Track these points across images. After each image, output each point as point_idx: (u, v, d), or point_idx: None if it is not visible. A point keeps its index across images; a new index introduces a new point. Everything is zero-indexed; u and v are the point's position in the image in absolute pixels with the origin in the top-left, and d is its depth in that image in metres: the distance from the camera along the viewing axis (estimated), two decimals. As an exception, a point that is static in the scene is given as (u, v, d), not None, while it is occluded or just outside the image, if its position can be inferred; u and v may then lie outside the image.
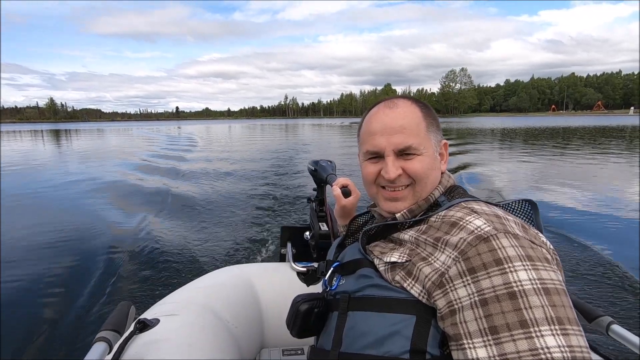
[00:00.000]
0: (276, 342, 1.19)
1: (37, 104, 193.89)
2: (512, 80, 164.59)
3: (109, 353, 0.67)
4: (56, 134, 36.32)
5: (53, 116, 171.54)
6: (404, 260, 0.58)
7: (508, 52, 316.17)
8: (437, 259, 0.54)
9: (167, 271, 3.01)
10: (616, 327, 0.78)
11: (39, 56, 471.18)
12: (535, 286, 0.47)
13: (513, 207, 0.66)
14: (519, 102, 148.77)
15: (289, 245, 1.38)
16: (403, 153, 0.66)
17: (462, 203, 0.61)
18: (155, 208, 5.09)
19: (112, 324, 0.71)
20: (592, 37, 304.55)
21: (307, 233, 1.35)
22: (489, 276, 0.48)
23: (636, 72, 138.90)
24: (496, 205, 0.63)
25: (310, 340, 0.71)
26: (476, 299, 0.48)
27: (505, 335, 0.45)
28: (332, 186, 1.06)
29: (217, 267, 1.33)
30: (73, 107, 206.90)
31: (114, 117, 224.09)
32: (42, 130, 46.42)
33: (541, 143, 16.36)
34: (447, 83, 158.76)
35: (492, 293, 0.47)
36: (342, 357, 0.59)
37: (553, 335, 0.44)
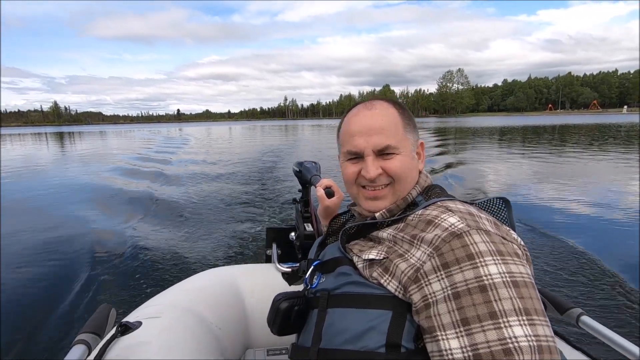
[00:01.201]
0: (261, 342, 1.20)
1: (41, 107, 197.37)
2: (510, 80, 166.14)
3: (87, 355, 0.66)
4: (60, 136, 37.32)
5: (57, 119, 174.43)
6: (381, 257, 0.60)
7: (507, 51, 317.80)
8: (413, 255, 0.56)
9: (151, 274, 3.00)
10: (586, 318, 0.81)
11: (38, 60, 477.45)
12: (504, 279, 0.49)
13: (487, 205, 0.69)
14: (517, 102, 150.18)
15: (274, 246, 1.40)
16: (382, 153, 0.68)
17: (438, 202, 0.63)
18: (140, 211, 5.07)
19: (92, 327, 0.70)
20: (591, 36, 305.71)
21: (293, 234, 1.37)
22: (462, 270, 0.51)
23: (632, 71, 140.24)
24: (471, 203, 0.65)
25: (293, 339, 0.73)
26: (449, 292, 0.50)
27: (476, 326, 0.47)
28: (315, 187, 1.07)
29: (202, 270, 1.36)
30: (76, 110, 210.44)
31: (116, 119, 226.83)
32: (45, 134, 47.69)
33: (521, 140, 17.33)
34: (444, 83, 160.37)
35: (464, 286, 0.50)
36: (321, 353, 0.61)
37: (520, 325, 0.46)
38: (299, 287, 0.75)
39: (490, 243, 0.53)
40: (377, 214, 0.68)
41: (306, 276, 0.73)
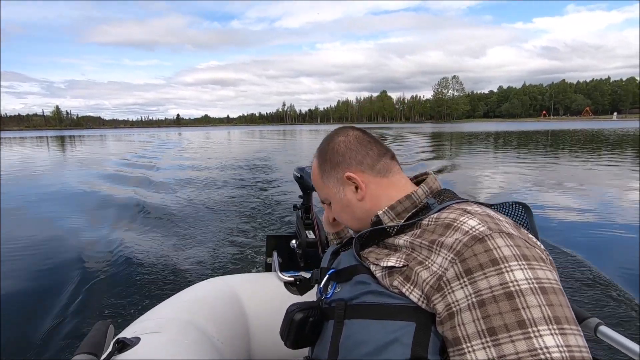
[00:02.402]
0: (264, 355, 1.14)
1: (43, 112, 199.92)
2: (506, 86, 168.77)
3: None
4: (61, 140, 37.48)
5: (59, 124, 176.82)
6: (401, 265, 0.57)
7: (504, 58, 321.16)
8: (434, 262, 0.53)
9: (147, 286, 2.89)
10: (604, 329, 0.78)
11: (38, 65, 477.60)
12: (532, 286, 0.47)
13: (505, 209, 0.65)
14: (511, 108, 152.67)
15: (275, 254, 1.35)
16: (325, 204, 0.78)
17: (454, 205, 0.60)
18: (132, 218, 4.92)
19: (89, 346, 0.66)
20: (586, 44, 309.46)
21: (294, 241, 1.33)
22: (486, 277, 0.48)
23: (624, 78, 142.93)
24: (488, 206, 0.63)
25: (300, 353, 0.70)
26: (474, 300, 0.48)
27: (503, 336, 0.45)
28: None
29: (199, 280, 1.28)
30: (77, 114, 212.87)
31: (116, 124, 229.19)
32: (47, 137, 48.45)
33: (511, 144, 18.04)
34: (439, 90, 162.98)
35: (490, 294, 0.47)
36: None
37: (551, 334, 0.44)
38: (307, 298, 0.73)
39: (514, 247, 0.50)
40: (379, 213, 0.67)
41: (320, 285, 0.70)
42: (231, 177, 8.86)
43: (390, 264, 0.58)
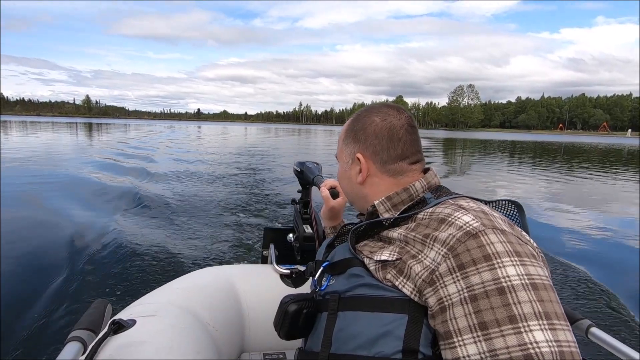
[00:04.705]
0: (257, 346, 1.16)
1: (74, 100, 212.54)
2: (526, 97, 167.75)
3: (83, 353, 0.62)
4: (94, 126, 40.56)
5: (88, 112, 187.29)
6: (394, 259, 0.58)
7: (527, 68, 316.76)
8: (427, 256, 0.54)
9: (144, 271, 2.88)
10: (596, 330, 0.79)
11: (66, 54, 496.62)
12: (523, 281, 0.48)
13: (498, 207, 0.67)
14: (528, 120, 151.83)
15: (271, 247, 1.37)
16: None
17: (450, 200, 0.61)
18: (132, 206, 4.98)
19: (88, 323, 0.66)
20: (614, 57, 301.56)
21: (291, 235, 1.35)
22: (479, 272, 0.49)
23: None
24: (483, 203, 0.64)
25: (293, 344, 0.71)
26: (466, 295, 0.49)
27: (494, 330, 0.46)
28: (319, 187, 1.07)
29: (194, 269, 1.30)
30: (105, 104, 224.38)
31: (140, 115, 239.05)
32: (76, 124, 51.23)
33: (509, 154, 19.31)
34: (454, 98, 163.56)
35: (482, 289, 0.48)
36: (332, 359, 0.59)
37: (541, 330, 0.45)
38: (302, 290, 0.77)
39: (507, 243, 0.51)
40: (376, 202, 0.68)
41: (315, 277, 0.71)
42: (234, 170, 9.18)
43: (383, 257, 0.59)
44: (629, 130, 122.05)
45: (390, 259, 0.58)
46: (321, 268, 0.70)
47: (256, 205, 5.41)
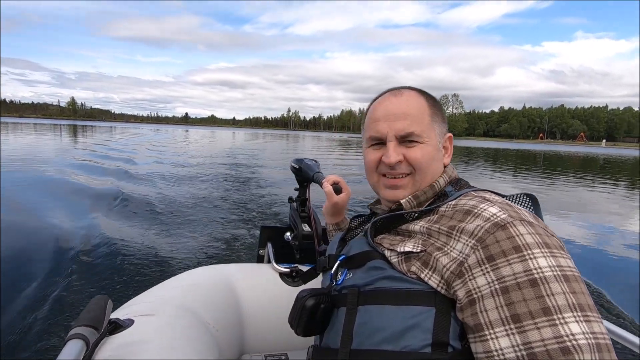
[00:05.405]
0: (258, 347, 1.12)
1: (59, 102, 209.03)
2: (510, 107, 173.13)
3: (86, 351, 0.59)
4: (75, 129, 39.93)
5: (73, 114, 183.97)
6: (419, 250, 0.57)
7: (512, 79, 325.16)
8: (454, 248, 0.53)
9: (138, 269, 2.84)
10: (610, 326, 0.78)
11: (52, 54, 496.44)
12: (555, 273, 0.47)
13: (514, 200, 0.66)
14: (510, 129, 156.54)
15: (269, 245, 1.35)
16: (405, 140, 0.66)
17: (472, 192, 0.61)
18: (128, 208, 4.93)
19: (88, 319, 0.63)
20: (593, 70, 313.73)
21: (288, 234, 1.32)
22: (509, 263, 0.48)
23: (622, 108, 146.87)
24: (502, 196, 0.63)
25: (295, 345, 0.69)
26: (497, 286, 0.48)
27: (528, 323, 0.45)
28: (321, 183, 1.06)
29: (189, 268, 1.27)
30: (91, 107, 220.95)
31: (127, 118, 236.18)
32: (60, 126, 51.82)
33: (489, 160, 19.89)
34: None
35: (513, 280, 0.47)
36: (354, 355, 0.57)
37: (576, 321, 0.44)
38: (298, 289, 0.72)
39: (536, 235, 0.50)
40: (402, 201, 0.66)
41: (331, 272, 0.69)
42: (226, 171, 9.23)
43: (407, 249, 0.58)
44: (604, 140, 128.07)
45: (415, 250, 0.57)
46: (337, 262, 0.68)
47: (248, 205, 5.41)
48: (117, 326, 0.73)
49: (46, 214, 4.30)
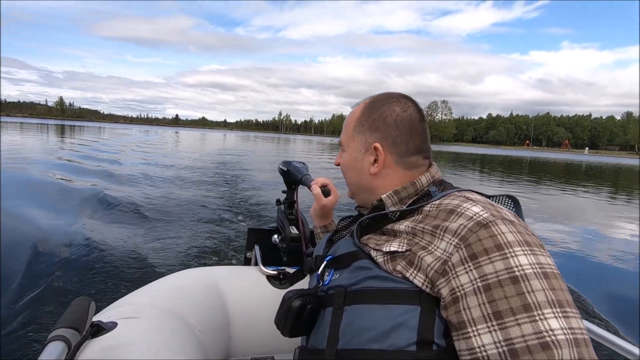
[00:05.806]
0: (244, 349, 1.11)
1: (47, 101, 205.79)
2: (498, 114, 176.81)
3: (68, 354, 0.57)
4: (61, 129, 38.55)
5: (61, 114, 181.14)
6: (404, 250, 0.58)
7: (501, 87, 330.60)
8: (438, 247, 0.54)
9: (122, 272, 2.78)
10: (584, 322, 0.77)
11: (39, 53, 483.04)
12: (535, 270, 0.48)
13: (496, 201, 0.67)
14: (498, 135, 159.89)
15: (256, 248, 1.34)
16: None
17: (456, 192, 0.62)
18: (113, 209, 4.81)
19: (71, 321, 0.61)
20: (579, 80, 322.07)
21: (276, 236, 1.31)
22: (491, 261, 0.49)
23: (604, 117, 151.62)
24: (485, 196, 0.64)
25: (282, 347, 0.69)
26: (479, 284, 0.49)
27: (509, 319, 0.46)
28: (310, 186, 1.06)
29: (173, 271, 1.24)
30: (79, 107, 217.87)
31: (116, 119, 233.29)
32: (47, 125, 49.95)
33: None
34: (429, 112, 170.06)
35: (495, 278, 0.48)
36: (340, 355, 0.57)
37: (555, 317, 0.45)
38: (285, 291, 0.71)
39: (517, 233, 0.52)
40: (383, 196, 0.68)
41: (318, 272, 0.69)
42: (213, 173, 9.24)
43: (392, 248, 0.59)
44: (587, 148, 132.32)
45: (400, 249, 0.58)
46: (324, 262, 0.69)
47: (235, 208, 5.34)
48: (99, 329, 0.71)
49: (28, 214, 4.12)
